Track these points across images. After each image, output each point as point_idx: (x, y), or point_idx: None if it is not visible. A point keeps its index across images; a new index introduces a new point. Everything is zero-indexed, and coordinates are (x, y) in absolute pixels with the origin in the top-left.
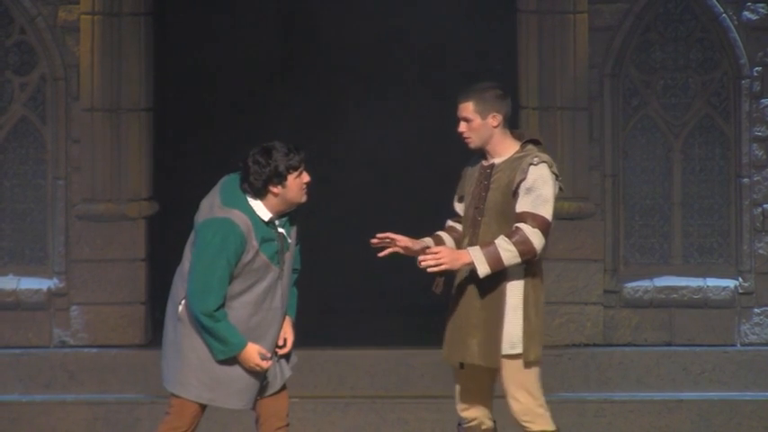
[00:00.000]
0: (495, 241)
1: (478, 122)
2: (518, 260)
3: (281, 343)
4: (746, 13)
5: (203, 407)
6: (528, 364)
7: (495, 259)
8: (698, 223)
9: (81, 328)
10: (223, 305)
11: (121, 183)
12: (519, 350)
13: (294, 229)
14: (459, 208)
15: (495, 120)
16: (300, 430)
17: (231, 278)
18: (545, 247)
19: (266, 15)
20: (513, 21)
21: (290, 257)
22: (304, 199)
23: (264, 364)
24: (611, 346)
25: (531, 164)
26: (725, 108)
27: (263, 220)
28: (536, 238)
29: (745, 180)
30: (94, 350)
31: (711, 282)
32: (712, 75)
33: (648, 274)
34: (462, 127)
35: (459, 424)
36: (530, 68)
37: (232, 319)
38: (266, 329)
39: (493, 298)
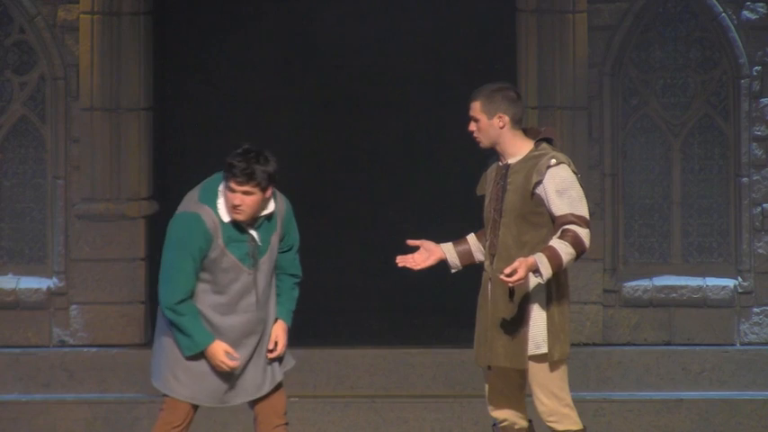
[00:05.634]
0: (554, 244)
1: (485, 122)
2: (572, 261)
3: (271, 346)
4: (746, 13)
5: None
6: (553, 365)
7: (557, 264)
8: (697, 223)
9: (80, 327)
10: (187, 300)
11: (121, 182)
12: (544, 350)
13: (275, 235)
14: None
15: (500, 120)
16: (300, 430)
17: (199, 274)
18: None
19: (266, 15)
20: (512, 20)
21: (267, 262)
22: (232, 214)
23: (231, 363)
24: (611, 345)
25: (549, 166)
26: (724, 107)
27: (228, 221)
28: (587, 238)
29: (745, 179)
30: (94, 349)
31: (711, 281)
32: (712, 74)
33: (648, 274)
34: (471, 126)
35: (494, 424)
36: (529, 68)
37: (206, 317)
38: (243, 332)
39: (517, 299)
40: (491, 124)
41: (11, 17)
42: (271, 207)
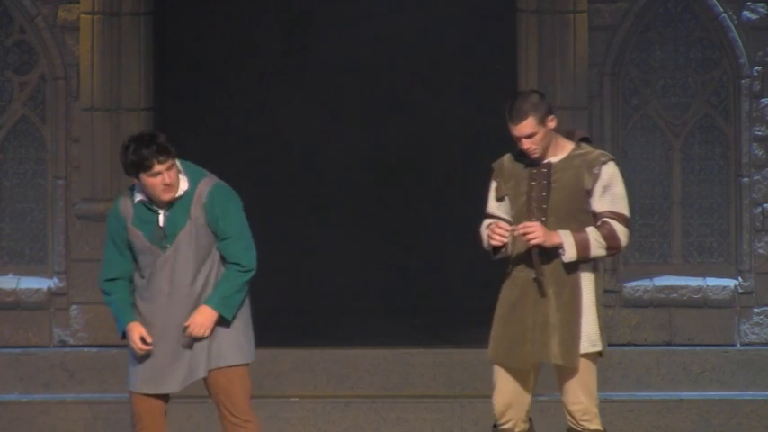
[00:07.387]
0: (587, 230)
1: (542, 132)
2: (603, 254)
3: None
4: (746, 13)
5: (150, 396)
6: (594, 363)
7: (584, 247)
8: (698, 223)
9: (81, 327)
10: (116, 281)
11: (121, 183)
12: (599, 347)
13: (191, 220)
14: (496, 209)
15: (552, 122)
16: (300, 430)
17: (134, 258)
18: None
19: (266, 15)
20: (513, 21)
21: (185, 247)
22: (164, 197)
23: (142, 347)
24: (611, 345)
25: (603, 162)
26: (725, 107)
27: (141, 201)
28: (624, 236)
29: (745, 179)
30: (94, 350)
31: (711, 281)
32: (712, 74)
33: (648, 274)
34: (527, 144)
35: (495, 425)
36: (529, 68)
37: (136, 302)
38: (162, 316)
39: (569, 296)
40: (547, 130)
41: (11, 17)
42: (183, 187)
